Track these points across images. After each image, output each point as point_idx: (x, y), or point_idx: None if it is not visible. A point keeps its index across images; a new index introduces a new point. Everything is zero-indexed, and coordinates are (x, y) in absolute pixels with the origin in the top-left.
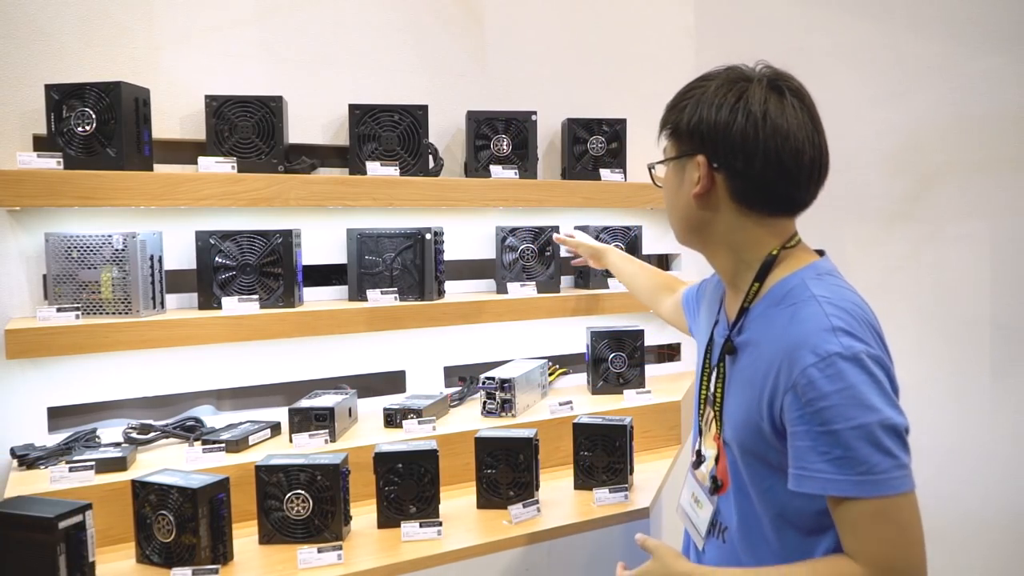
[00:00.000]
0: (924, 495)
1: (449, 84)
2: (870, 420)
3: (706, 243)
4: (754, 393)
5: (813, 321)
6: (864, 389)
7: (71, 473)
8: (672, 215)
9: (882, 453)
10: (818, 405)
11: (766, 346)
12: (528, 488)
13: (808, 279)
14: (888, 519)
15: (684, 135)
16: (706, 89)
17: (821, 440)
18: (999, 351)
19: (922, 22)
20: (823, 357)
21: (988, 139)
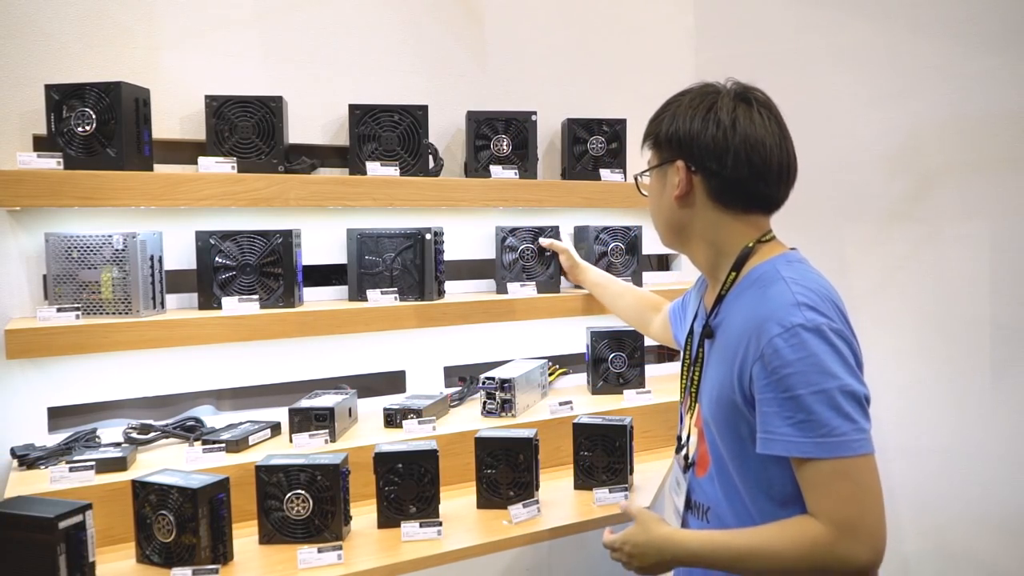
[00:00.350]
0: (924, 494)
1: (449, 84)
2: (830, 386)
3: (687, 241)
4: (727, 368)
5: (780, 298)
6: (825, 358)
7: (71, 473)
8: (657, 218)
9: (841, 417)
10: (782, 372)
11: (737, 324)
12: (528, 488)
13: (779, 265)
14: (847, 478)
15: (663, 144)
16: (680, 103)
17: (785, 405)
18: (999, 351)
19: (921, 23)
20: (787, 328)
21: (988, 139)
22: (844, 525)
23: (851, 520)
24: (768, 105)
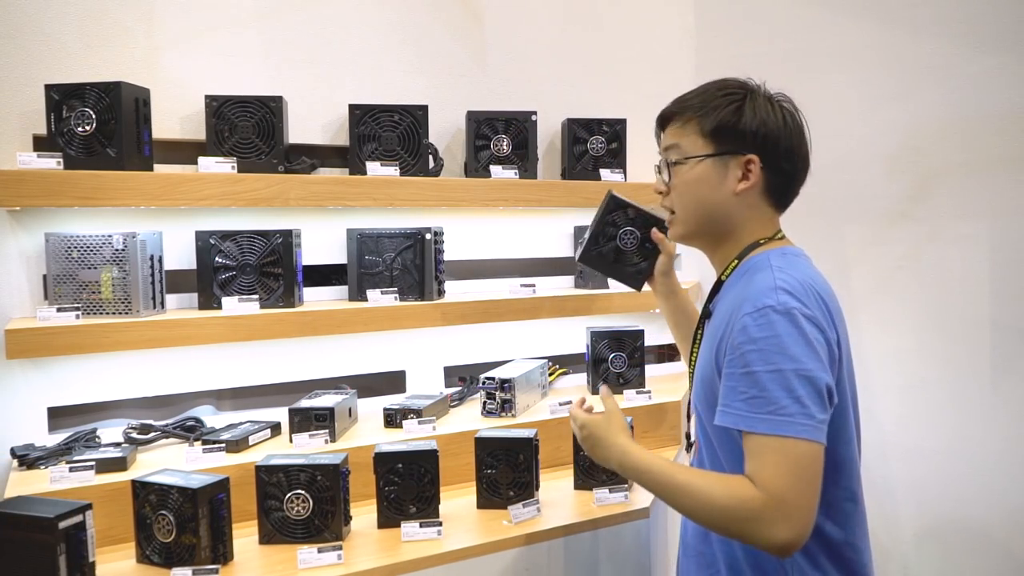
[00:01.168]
0: (924, 494)
1: (449, 84)
2: (787, 367)
3: (720, 234)
4: (710, 349)
5: (761, 283)
6: (787, 340)
7: (71, 473)
8: (695, 208)
9: (791, 398)
10: (744, 348)
11: (724, 307)
12: (528, 488)
13: (772, 255)
14: (787, 456)
15: (734, 135)
16: (755, 97)
17: (742, 380)
18: (999, 351)
19: (921, 23)
20: (758, 308)
21: (987, 139)
22: (776, 496)
23: (783, 494)
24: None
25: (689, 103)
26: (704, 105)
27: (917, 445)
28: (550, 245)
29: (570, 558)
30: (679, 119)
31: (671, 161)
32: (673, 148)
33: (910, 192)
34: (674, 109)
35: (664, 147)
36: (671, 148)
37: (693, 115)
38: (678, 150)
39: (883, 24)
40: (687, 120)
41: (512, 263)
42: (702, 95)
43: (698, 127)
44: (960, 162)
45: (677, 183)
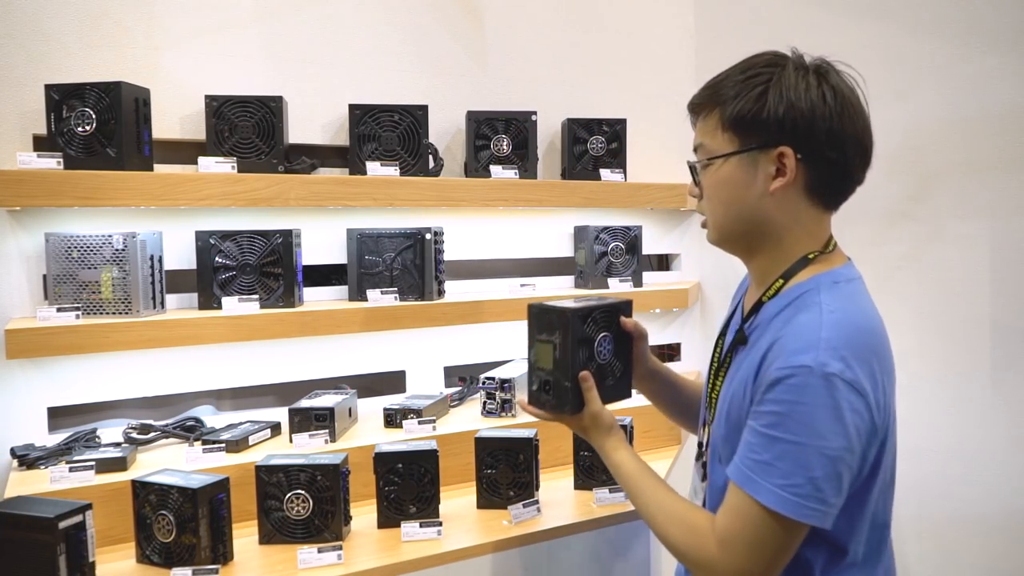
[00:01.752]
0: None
1: (449, 84)
2: (810, 443)
3: (760, 242)
4: (742, 387)
5: (805, 329)
6: (819, 412)
7: (71, 473)
8: (729, 211)
9: (806, 478)
10: (771, 407)
11: (763, 343)
12: (528, 488)
13: (823, 285)
14: (773, 535)
15: (758, 126)
16: (784, 74)
17: (760, 440)
18: (999, 351)
19: (921, 23)
20: (793, 367)
21: (988, 139)
22: (736, 570)
23: (747, 570)
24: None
25: (711, 91)
26: (724, 93)
27: (917, 445)
28: (550, 245)
29: (570, 558)
30: (703, 112)
31: (698, 163)
32: (700, 148)
33: (910, 192)
34: (697, 99)
35: (693, 146)
36: (698, 148)
37: (714, 106)
38: (704, 150)
39: (883, 24)
40: (709, 113)
41: (512, 263)
42: (724, 79)
43: (719, 120)
44: (960, 162)
45: (707, 187)
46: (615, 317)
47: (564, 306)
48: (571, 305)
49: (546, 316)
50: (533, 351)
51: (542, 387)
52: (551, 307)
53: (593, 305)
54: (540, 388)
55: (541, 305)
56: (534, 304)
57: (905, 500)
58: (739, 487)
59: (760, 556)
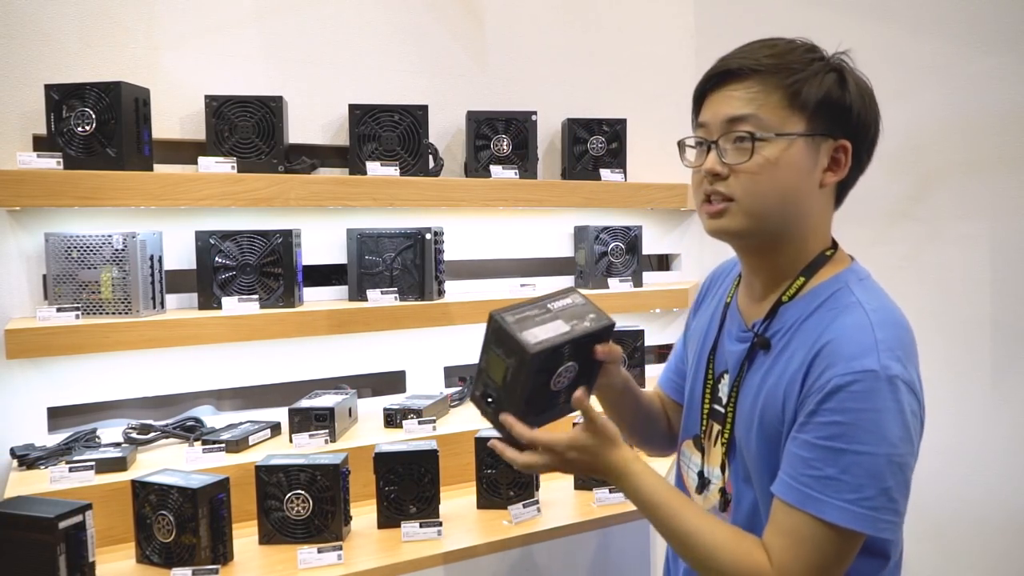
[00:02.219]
0: (925, 494)
1: (449, 84)
2: (881, 451)
3: (784, 238)
4: (778, 396)
5: (857, 332)
6: (887, 418)
7: (71, 473)
8: (776, 200)
9: (879, 489)
10: (832, 418)
11: (800, 347)
12: (528, 488)
13: (851, 283)
14: (837, 550)
15: (838, 112)
16: (849, 69)
17: (820, 454)
18: (999, 351)
19: (921, 23)
20: (856, 372)
21: (988, 139)
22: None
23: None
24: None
25: (771, 62)
26: (795, 69)
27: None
28: (550, 245)
29: (570, 558)
30: (756, 80)
31: (746, 135)
32: (749, 119)
33: (911, 192)
34: (751, 64)
35: (728, 116)
36: (744, 119)
37: (781, 79)
38: (757, 122)
39: (884, 24)
40: (769, 84)
41: (512, 263)
42: (785, 54)
43: (787, 96)
44: (960, 162)
45: (752, 165)
46: (589, 347)
47: (525, 339)
48: (537, 337)
49: (505, 340)
50: (486, 357)
51: (485, 396)
52: (511, 335)
53: (562, 340)
54: (483, 396)
55: (503, 322)
56: (497, 316)
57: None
58: (795, 507)
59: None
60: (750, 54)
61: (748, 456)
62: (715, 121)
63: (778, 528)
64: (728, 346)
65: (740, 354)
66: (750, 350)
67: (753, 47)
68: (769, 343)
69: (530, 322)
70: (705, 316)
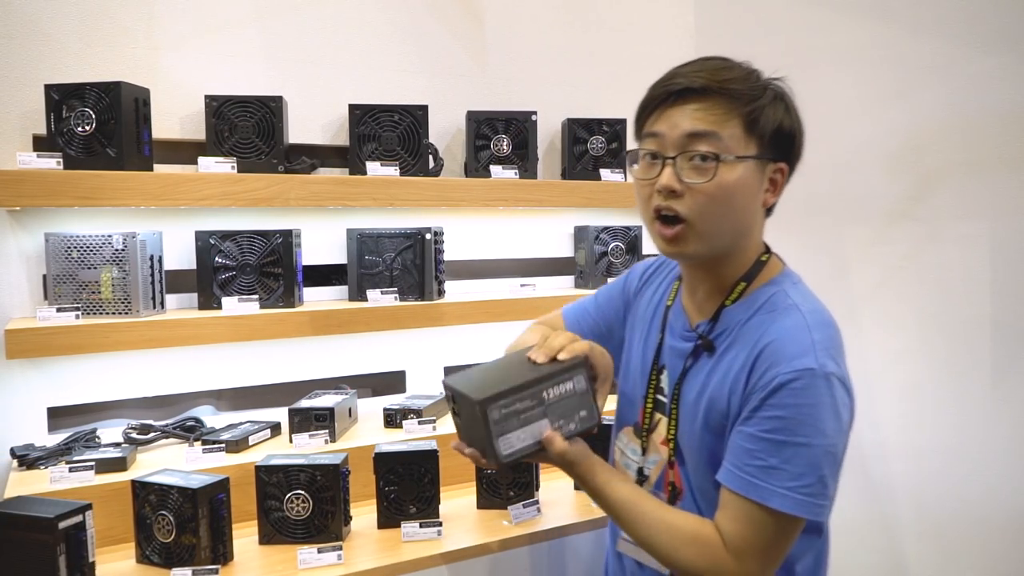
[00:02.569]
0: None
1: (449, 84)
2: (818, 443)
3: (732, 254)
4: (723, 395)
5: (796, 332)
6: (823, 413)
7: (71, 473)
8: (731, 220)
9: (816, 477)
10: (775, 413)
11: (743, 347)
12: (528, 488)
13: (787, 287)
14: (783, 534)
15: (782, 138)
16: (786, 92)
17: (764, 446)
18: (999, 351)
19: (921, 23)
20: (797, 370)
21: (988, 139)
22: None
23: (760, 570)
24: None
25: (734, 87)
26: (754, 96)
27: (917, 445)
28: (550, 245)
29: (570, 558)
30: (722, 102)
31: (709, 155)
32: (709, 137)
33: (910, 192)
34: (715, 87)
35: (689, 132)
36: (705, 136)
37: (741, 105)
38: (719, 143)
39: (884, 23)
40: (729, 108)
41: (512, 263)
42: (743, 80)
43: (745, 122)
44: (961, 162)
45: (711, 187)
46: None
47: (497, 447)
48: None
49: (482, 433)
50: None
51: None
52: (488, 435)
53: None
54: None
55: (487, 419)
56: (484, 408)
57: (905, 500)
58: (740, 495)
59: (774, 557)
60: (711, 75)
61: (689, 446)
62: (673, 135)
63: (728, 514)
64: (671, 343)
65: (683, 352)
66: (695, 350)
67: (710, 67)
68: (713, 345)
69: (513, 421)
70: (644, 314)
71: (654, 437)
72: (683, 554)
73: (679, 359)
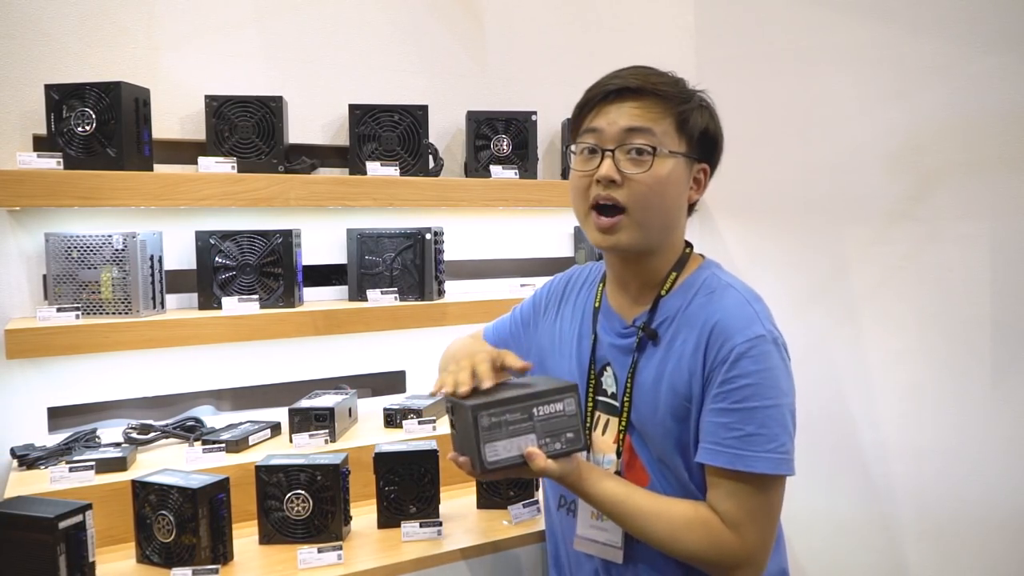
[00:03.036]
0: (925, 494)
1: (449, 84)
2: (783, 401)
3: (661, 245)
4: (681, 377)
5: (738, 307)
6: (780, 373)
7: (71, 473)
8: (661, 211)
9: (787, 435)
10: (741, 382)
11: (691, 330)
12: (528, 488)
13: (715, 271)
14: (777, 497)
15: (706, 139)
16: (707, 100)
17: (733, 416)
18: (1000, 351)
19: (921, 23)
20: (750, 339)
21: (988, 139)
22: (758, 546)
23: (765, 542)
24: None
25: (666, 89)
26: (684, 99)
27: (917, 445)
28: (550, 245)
29: None
30: (656, 102)
31: (645, 148)
32: (645, 132)
33: (910, 192)
34: (649, 88)
35: (627, 127)
36: (641, 131)
37: (673, 106)
38: (653, 137)
39: (884, 23)
40: (663, 107)
41: (512, 263)
42: (675, 84)
43: (677, 121)
44: (961, 162)
45: (647, 177)
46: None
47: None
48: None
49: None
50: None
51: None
52: (476, 440)
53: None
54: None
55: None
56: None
57: (905, 500)
58: (727, 469)
59: (771, 523)
60: (645, 78)
61: (651, 435)
62: (612, 130)
63: (719, 492)
64: (609, 341)
65: (626, 347)
66: (639, 342)
67: (643, 72)
68: (656, 334)
69: (502, 431)
70: (572, 320)
71: (604, 437)
72: (684, 541)
73: (624, 354)
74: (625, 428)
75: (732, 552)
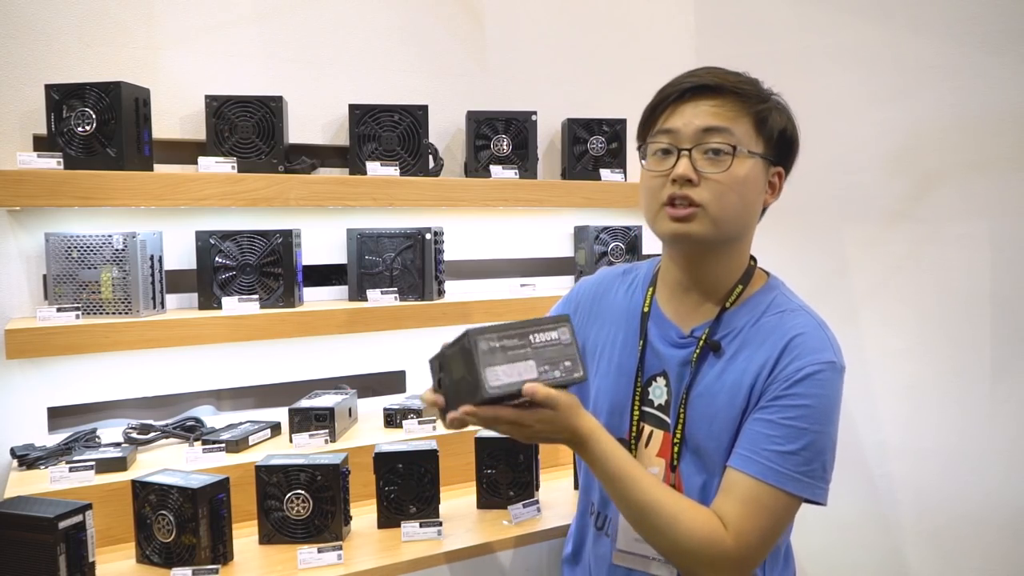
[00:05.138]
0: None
1: (449, 84)
2: (829, 431)
3: (732, 249)
4: (743, 386)
5: (814, 329)
6: (835, 404)
7: (71, 473)
8: (739, 211)
9: (821, 463)
10: (799, 401)
11: (756, 347)
12: (528, 488)
13: (784, 292)
14: (787, 514)
15: (785, 142)
16: (783, 102)
17: (783, 431)
18: (999, 351)
19: (922, 23)
20: (822, 363)
21: (988, 139)
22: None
23: (759, 550)
24: None
25: (744, 88)
26: (763, 99)
27: (918, 445)
28: (550, 245)
29: None
30: (734, 101)
31: (725, 147)
32: (724, 132)
33: (910, 192)
34: (728, 87)
35: (704, 127)
36: (719, 131)
37: (751, 105)
38: (732, 137)
39: (884, 23)
40: (741, 107)
41: (512, 263)
42: (753, 84)
43: (755, 121)
44: (961, 162)
45: (726, 176)
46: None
47: (484, 377)
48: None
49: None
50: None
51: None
52: (475, 365)
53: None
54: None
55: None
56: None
57: (905, 500)
58: (756, 478)
59: (773, 539)
60: (723, 76)
61: (704, 449)
62: (688, 130)
63: (735, 497)
64: (662, 350)
65: (683, 357)
66: (700, 353)
67: (719, 71)
68: (720, 346)
69: (500, 355)
70: (613, 327)
71: (648, 450)
72: (682, 526)
73: (681, 365)
74: (680, 441)
75: (723, 555)
